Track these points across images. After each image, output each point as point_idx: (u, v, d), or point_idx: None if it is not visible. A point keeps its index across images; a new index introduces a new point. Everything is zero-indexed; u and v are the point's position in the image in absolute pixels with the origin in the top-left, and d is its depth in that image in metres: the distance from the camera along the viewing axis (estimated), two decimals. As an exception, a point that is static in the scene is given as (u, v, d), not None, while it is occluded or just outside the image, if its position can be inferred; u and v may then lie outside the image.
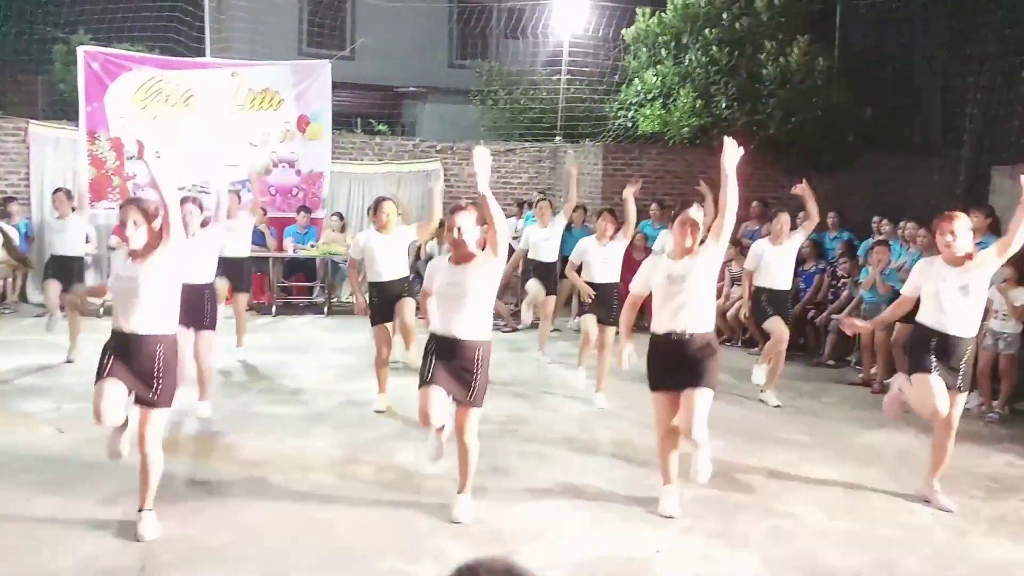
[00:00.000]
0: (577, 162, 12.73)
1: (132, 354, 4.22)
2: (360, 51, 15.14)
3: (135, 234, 4.23)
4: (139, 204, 4.31)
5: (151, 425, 4.29)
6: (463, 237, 4.57)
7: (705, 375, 4.64)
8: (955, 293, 4.84)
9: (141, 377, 4.24)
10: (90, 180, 11.09)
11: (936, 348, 4.87)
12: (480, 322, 4.59)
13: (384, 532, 4.48)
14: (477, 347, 4.55)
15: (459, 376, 4.53)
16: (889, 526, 4.78)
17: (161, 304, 4.29)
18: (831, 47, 12.40)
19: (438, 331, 4.60)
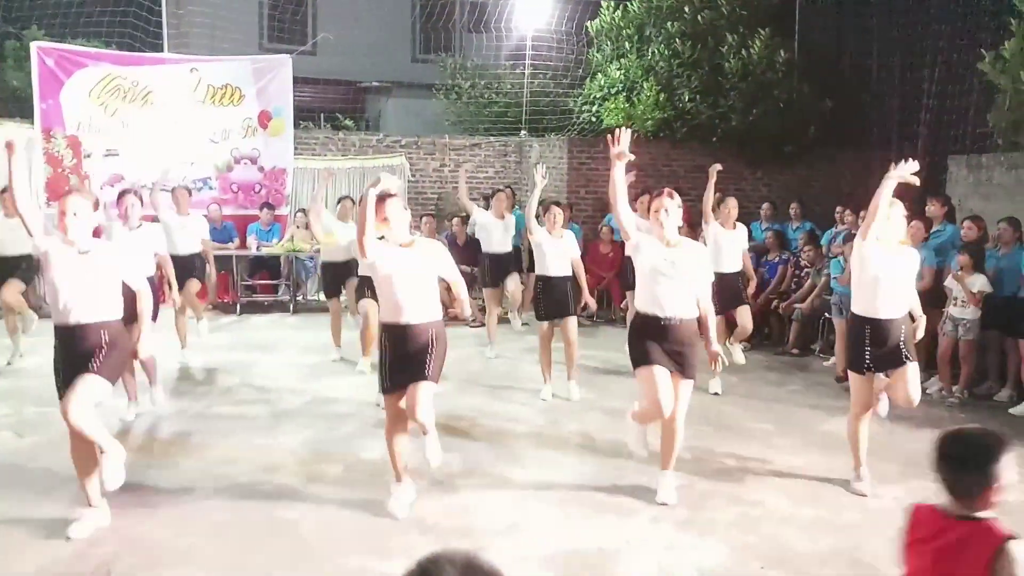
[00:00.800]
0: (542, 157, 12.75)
1: (76, 346, 4.20)
2: (322, 46, 15.00)
3: (75, 225, 4.21)
4: (82, 194, 4.33)
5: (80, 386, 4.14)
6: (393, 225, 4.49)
7: (690, 365, 4.73)
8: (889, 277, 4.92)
9: (85, 360, 4.19)
10: (47, 179, 10.87)
11: (871, 336, 4.95)
12: (433, 302, 4.56)
13: (352, 530, 4.45)
14: (430, 328, 4.51)
15: (415, 362, 4.45)
16: (854, 511, 4.86)
17: (106, 293, 4.30)
18: (791, 40, 12.54)
19: (391, 319, 4.50)
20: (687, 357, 4.72)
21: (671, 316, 4.69)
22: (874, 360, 4.97)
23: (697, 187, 12.03)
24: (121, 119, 11.09)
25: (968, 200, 8.65)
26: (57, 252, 4.23)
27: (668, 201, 4.76)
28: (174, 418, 6.32)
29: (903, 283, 5.00)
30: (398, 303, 4.44)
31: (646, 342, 4.70)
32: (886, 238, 4.93)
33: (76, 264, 4.21)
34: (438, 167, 13.09)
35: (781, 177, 12.56)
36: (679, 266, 4.69)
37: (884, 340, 4.94)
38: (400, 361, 4.48)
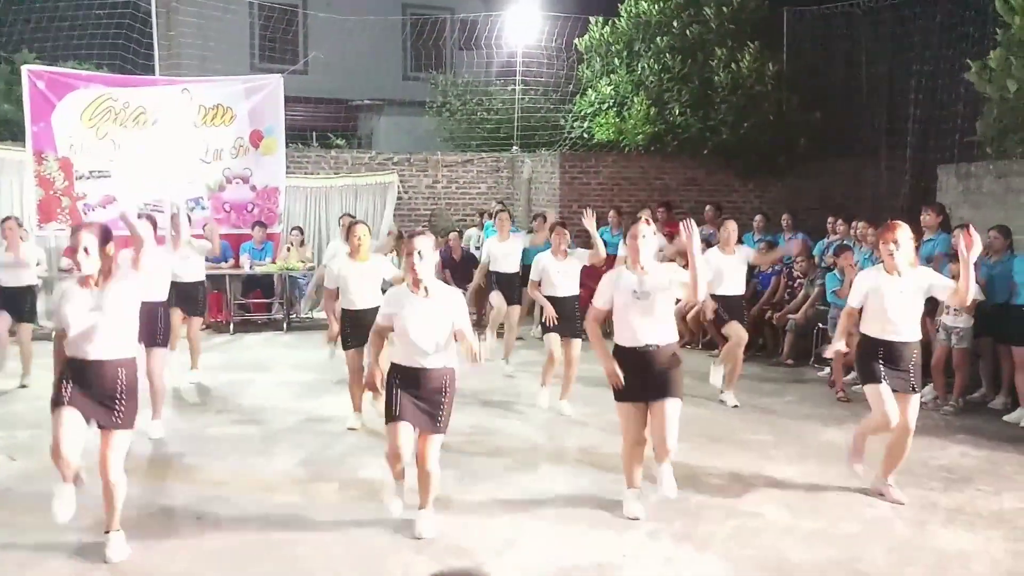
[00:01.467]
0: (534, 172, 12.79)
1: (93, 380, 4.13)
2: (313, 65, 15.03)
3: (87, 261, 4.13)
4: (91, 230, 4.21)
5: (114, 448, 4.21)
6: (422, 262, 4.43)
7: (674, 385, 4.71)
8: (898, 300, 4.94)
9: (102, 402, 4.14)
10: (38, 201, 10.85)
11: (884, 355, 4.97)
12: (447, 348, 4.52)
13: (348, 551, 4.42)
14: (444, 375, 4.50)
15: (427, 406, 4.45)
16: (852, 521, 4.85)
17: (123, 329, 4.22)
18: (779, 53, 12.64)
19: (403, 362, 4.49)
20: (669, 377, 4.70)
21: (648, 344, 4.68)
22: (889, 376, 4.97)
23: (688, 200, 12.13)
24: (113, 140, 11.09)
25: (958, 209, 8.69)
26: (71, 291, 4.18)
27: (644, 228, 4.77)
28: (167, 439, 6.28)
29: (913, 307, 5.01)
30: (414, 350, 4.42)
31: (624, 375, 4.71)
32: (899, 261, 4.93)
33: (91, 302, 4.13)
34: (431, 183, 13.12)
35: (772, 189, 12.62)
36: (651, 292, 4.69)
37: (897, 361, 4.98)
38: (412, 398, 4.44)
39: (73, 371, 4.16)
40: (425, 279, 4.46)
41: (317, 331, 10.94)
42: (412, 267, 4.43)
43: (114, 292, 4.18)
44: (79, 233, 4.17)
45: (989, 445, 6.28)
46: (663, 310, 4.74)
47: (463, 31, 14.82)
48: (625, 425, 4.85)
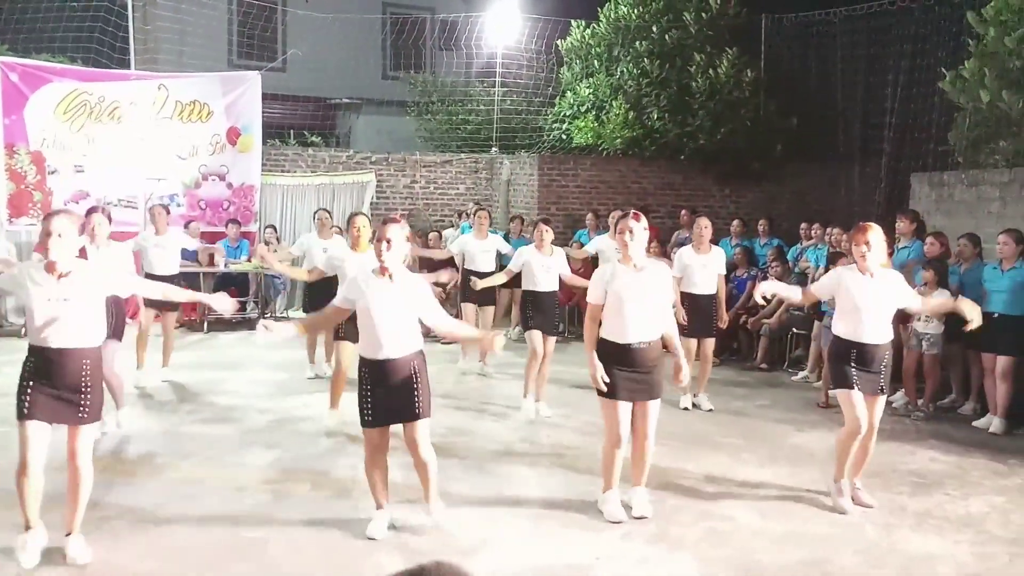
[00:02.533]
0: (513, 174, 12.80)
1: (57, 371, 4.05)
2: (292, 63, 14.95)
3: (58, 247, 4.02)
4: (69, 217, 4.14)
5: (81, 440, 4.14)
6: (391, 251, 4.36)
7: (658, 387, 4.77)
8: (869, 301, 4.99)
9: (67, 396, 4.07)
10: (9, 195, 10.70)
11: (856, 357, 5.02)
12: (413, 335, 4.47)
13: (320, 551, 4.39)
14: (411, 361, 4.45)
15: (401, 396, 4.38)
16: (822, 524, 4.90)
17: (89, 318, 4.15)
18: (757, 60, 12.75)
19: (369, 355, 4.39)
20: (654, 378, 4.76)
21: (638, 341, 4.70)
22: (860, 380, 5.02)
23: (665, 204, 12.21)
24: (87, 135, 10.95)
25: (930, 217, 8.81)
26: (35, 276, 4.07)
27: (634, 224, 4.74)
28: (138, 438, 6.21)
29: (886, 308, 5.05)
30: (377, 338, 4.34)
31: (611, 371, 4.72)
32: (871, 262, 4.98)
33: (56, 287, 4.03)
34: (409, 183, 13.09)
35: (749, 194, 12.73)
36: (645, 289, 4.71)
37: (869, 363, 5.02)
38: (384, 395, 4.37)
39: (36, 361, 4.08)
40: (391, 267, 4.38)
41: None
42: (379, 254, 4.35)
43: (81, 280, 4.11)
44: (54, 217, 4.07)
45: (958, 450, 6.36)
46: (654, 308, 4.76)
47: (443, 31, 14.80)
48: (609, 424, 4.83)
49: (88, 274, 4.18)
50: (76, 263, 4.17)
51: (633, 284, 4.71)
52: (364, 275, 4.49)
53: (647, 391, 4.75)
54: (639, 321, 4.71)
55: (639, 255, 4.77)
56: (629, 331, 4.70)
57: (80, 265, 4.20)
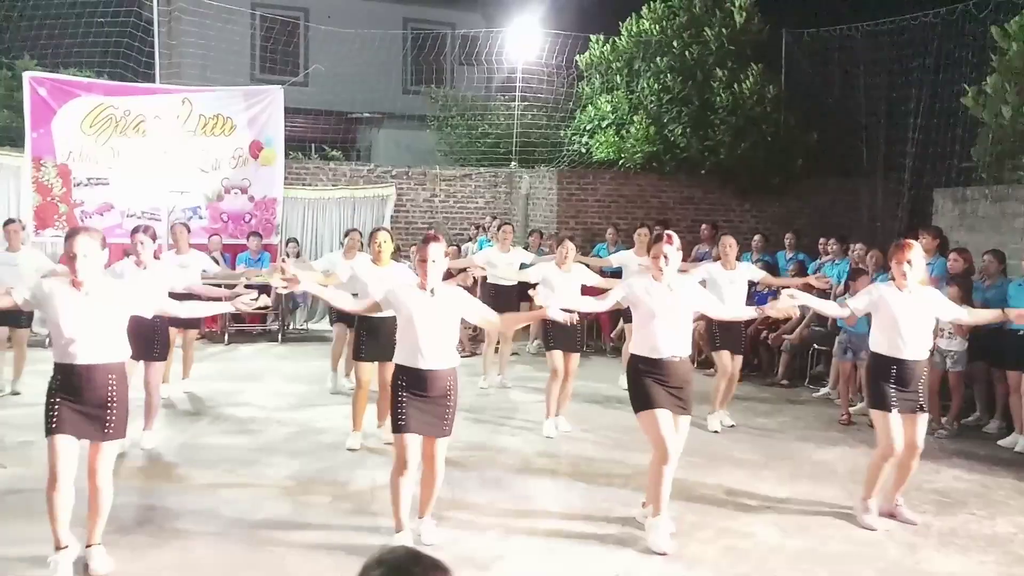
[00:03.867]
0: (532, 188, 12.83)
1: (82, 386, 4.07)
2: (314, 77, 15.09)
3: (85, 265, 4.05)
4: (90, 234, 4.16)
5: (103, 457, 4.17)
6: (434, 268, 4.47)
7: (690, 403, 4.81)
8: (909, 316, 4.96)
9: (93, 411, 4.08)
10: (35, 207, 10.85)
11: (896, 376, 4.97)
12: (451, 349, 4.54)
13: (336, 563, 4.39)
14: (448, 376, 4.50)
15: (432, 409, 4.44)
16: (843, 542, 4.84)
17: (113, 334, 4.18)
18: (778, 75, 12.72)
19: (407, 363, 4.47)
20: (686, 393, 4.78)
21: (671, 355, 4.71)
22: (899, 400, 4.98)
23: (685, 219, 12.17)
24: (112, 148, 11.10)
25: (954, 233, 8.73)
26: (61, 292, 4.11)
27: (668, 248, 4.76)
28: (158, 449, 6.24)
29: (925, 324, 5.02)
30: (418, 349, 4.42)
31: (647, 384, 4.70)
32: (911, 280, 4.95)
33: (82, 305, 4.07)
34: (428, 197, 13.15)
35: (769, 209, 12.67)
36: (677, 307, 4.75)
37: (908, 381, 4.98)
38: (418, 405, 4.43)
39: (61, 378, 4.10)
40: (433, 283, 4.50)
41: (312, 343, 10.96)
42: (424, 273, 4.47)
43: (107, 297, 4.15)
44: (75, 237, 4.09)
45: (983, 469, 6.27)
46: (685, 324, 4.82)
47: (464, 46, 14.89)
48: (653, 436, 4.66)
49: (113, 292, 4.22)
50: (101, 280, 4.21)
51: (667, 300, 4.75)
52: (406, 287, 4.61)
53: (681, 405, 4.75)
54: (670, 335, 4.73)
55: (672, 276, 4.82)
56: (661, 345, 4.71)
57: (105, 283, 4.24)
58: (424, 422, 4.44)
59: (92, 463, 4.15)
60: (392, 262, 6.51)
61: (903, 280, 4.97)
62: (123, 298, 4.27)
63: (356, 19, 15.44)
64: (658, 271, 4.78)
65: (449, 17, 18.36)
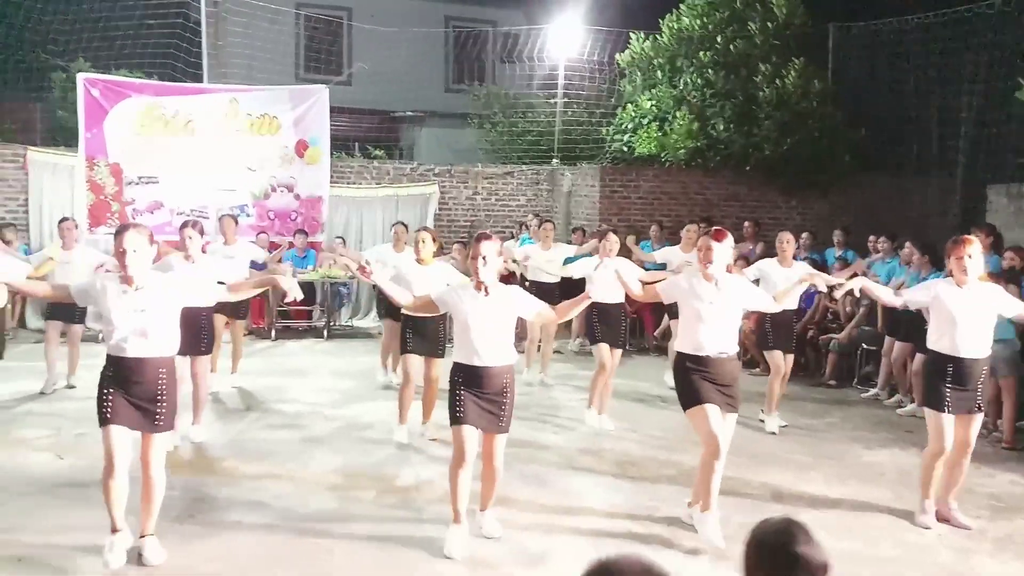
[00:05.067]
0: (574, 185, 12.80)
1: (133, 380, 4.18)
2: (357, 76, 15.26)
3: (135, 260, 4.17)
4: (138, 230, 4.26)
5: (155, 449, 4.27)
6: (487, 266, 4.51)
7: (738, 400, 4.77)
8: (967, 314, 4.85)
9: (143, 404, 4.19)
10: (89, 206, 11.11)
11: (953, 375, 4.87)
12: (508, 347, 4.57)
13: (381, 558, 4.44)
14: (505, 372, 4.54)
15: (489, 406, 4.49)
16: (893, 545, 4.76)
17: (164, 328, 4.27)
18: (825, 70, 12.51)
19: (464, 360, 4.54)
20: (733, 390, 4.75)
21: (717, 352, 4.68)
22: (953, 401, 4.88)
23: (730, 216, 12.03)
24: (162, 147, 11.32)
25: (1009, 230, 8.51)
26: (112, 288, 4.22)
27: (715, 244, 4.70)
28: (207, 443, 6.36)
29: (985, 321, 4.91)
30: (474, 347, 4.48)
31: (695, 381, 4.69)
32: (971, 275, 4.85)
33: (133, 299, 4.17)
34: (471, 195, 13.19)
35: (815, 205, 12.48)
36: (723, 304, 4.71)
37: (966, 380, 4.87)
38: (475, 400, 4.48)
39: (113, 371, 4.20)
40: (487, 281, 4.53)
41: (357, 339, 11.07)
42: (476, 271, 4.51)
43: (157, 291, 4.24)
44: (124, 233, 4.19)
45: (1039, 473, 6.11)
46: (732, 321, 4.79)
47: (505, 44, 14.91)
48: (707, 433, 4.63)
49: (164, 286, 4.32)
50: (152, 275, 4.30)
51: (714, 297, 4.71)
52: (461, 287, 4.70)
53: (729, 402, 4.72)
54: (716, 333, 4.70)
55: (720, 273, 4.76)
56: (706, 343, 4.68)
57: (156, 277, 4.34)
58: (482, 417, 4.50)
59: (144, 454, 4.26)
60: (435, 261, 6.57)
61: (963, 276, 4.86)
62: (174, 291, 4.35)
63: (398, 18, 15.55)
64: (704, 265, 4.73)
65: (491, 15, 18.40)
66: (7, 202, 11.46)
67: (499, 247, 4.69)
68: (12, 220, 11.17)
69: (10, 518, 4.79)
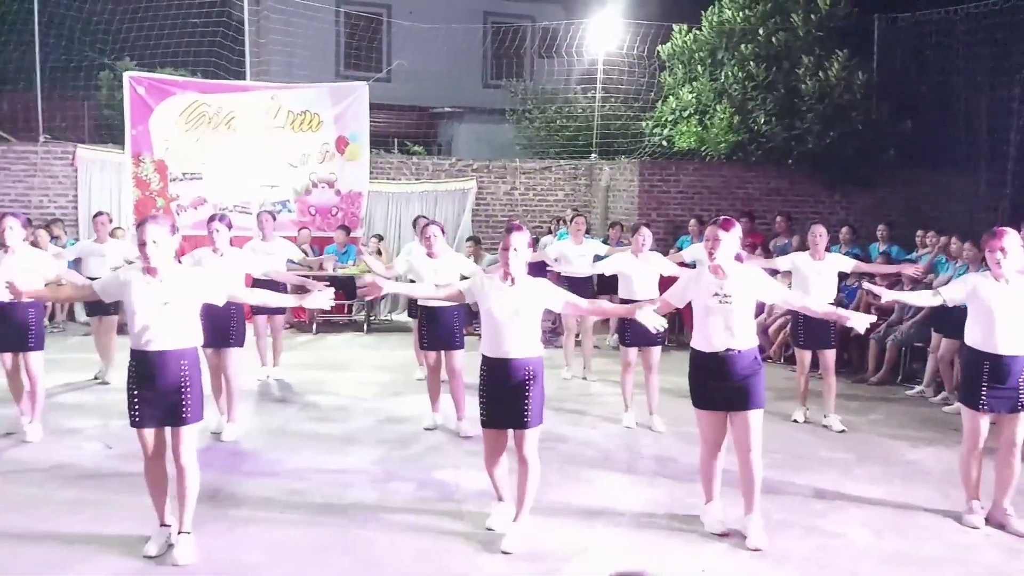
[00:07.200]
0: (612, 180, 12.74)
1: (156, 373, 4.20)
2: (396, 73, 15.34)
3: (155, 251, 4.20)
4: (158, 222, 4.30)
5: (185, 441, 4.31)
6: (517, 256, 4.49)
7: (755, 395, 4.56)
8: (1005, 309, 4.73)
9: (169, 397, 4.22)
10: (135, 201, 11.34)
11: (989, 372, 4.75)
12: (533, 339, 4.55)
13: (421, 549, 4.47)
14: (529, 364, 4.50)
15: (514, 400, 4.46)
16: (938, 545, 4.67)
17: (185, 320, 4.30)
18: (869, 62, 12.28)
19: (489, 353, 4.54)
20: (749, 387, 4.55)
21: (725, 348, 4.55)
22: (990, 400, 4.77)
23: (772, 210, 11.89)
24: (205, 144, 11.52)
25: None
26: (136, 280, 4.26)
27: (722, 234, 4.56)
28: (248, 435, 6.47)
29: (1023, 317, 4.76)
30: (499, 338, 4.48)
31: (700, 381, 4.65)
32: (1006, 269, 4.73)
33: (155, 291, 4.20)
34: (508, 190, 13.21)
35: (859, 200, 12.27)
36: (731, 295, 4.55)
37: (1004, 377, 4.74)
38: (498, 397, 4.49)
39: (137, 365, 4.24)
40: (515, 273, 4.51)
41: (396, 333, 11.16)
42: (506, 261, 4.49)
43: (178, 283, 4.26)
44: (145, 225, 4.23)
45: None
46: (743, 314, 4.62)
47: (544, 39, 14.88)
48: (703, 433, 4.76)
49: (185, 278, 4.35)
50: (173, 267, 4.34)
51: (719, 290, 4.57)
52: (487, 278, 4.65)
53: (742, 400, 4.55)
54: (725, 328, 4.55)
55: (728, 265, 4.61)
56: (715, 339, 4.57)
57: (177, 269, 4.38)
58: (507, 415, 4.50)
59: (175, 447, 4.31)
60: (445, 251, 6.63)
61: (998, 269, 4.74)
62: (196, 284, 4.39)
63: (437, 14, 15.60)
64: (710, 255, 4.61)
65: (529, 10, 18.38)
66: (57, 198, 11.75)
67: (529, 239, 4.66)
68: (62, 216, 11.47)
69: (53, 507, 4.92)
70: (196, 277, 4.56)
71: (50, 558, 4.28)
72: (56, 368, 8.41)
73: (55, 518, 4.74)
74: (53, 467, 5.60)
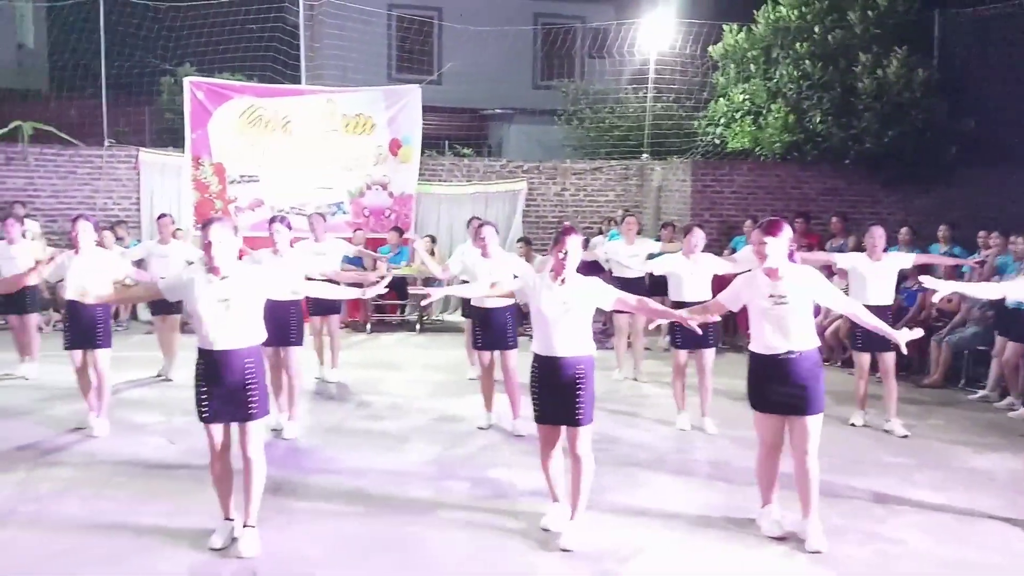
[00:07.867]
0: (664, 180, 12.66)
1: (222, 372, 4.32)
2: (447, 75, 15.46)
3: (219, 251, 4.29)
4: (222, 223, 4.39)
5: (252, 436, 4.43)
6: (569, 259, 4.53)
7: (815, 399, 4.51)
8: None
9: (235, 396, 4.33)
10: (195, 204, 11.63)
11: None
12: (584, 338, 4.57)
13: (475, 547, 4.52)
14: (579, 363, 4.53)
15: (564, 398, 4.50)
16: (1002, 553, 4.57)
17: (249, 319, 4.40)
18: (930, 59, 12.00)
19: (540, 351, 4.59)
20: (809, 391, 4.49)
21: (786, 351, 4.49)
22: None
23: (828, 210, 11.70)
24: (262, 147, 11.75)
25: None
26: (200, 280, 4.37)
27: (769, 239, 4.47)
28: (307, 432, 6.60)
29: None
30: (549, 337, 4.53)
31: (759, 384, 4.61)
32: None
33: (219, 290, 4.30)
34: (559, 191, 13.21)
35: (919, 200, 11.98)
36: (787, 296, 4.49)
37: None
38: (549, 394, 4.54)
39: (204, 364, 4.35)
40: (566, 274, 4.55)
41: (448, 333, 11.25)
42: (560, 263, 4.52)
43: (240, 281, 4.36)
44: (210, 226, 4.33)
45: None
46: (801, 315, 4.54)
47: (594, 40, 14.85)
48: (761, 436, 4.72)
49: (246, 275, 4.44)
50: (236, 266, 4.44)
51: (772, 293, 4.51)
52: (538, 278, 4.69)
53: (800, 404, 4.49)
54: (780, 331, 4.49)
55: (782, 267, 4.52)
56: (773, 342, 4.52)
57: (241, 268, 4.48)
58: (556, 412, 4.55)
59: (242, 442, 4.43)
60: (499, 252, 6.67)
61: None
62: (259, 282, 4.49)
63: (488, 16, 15.67)
64: (760, 259, 4.55)
65: (580, 11, 18.36)
66: (121, 200, 12.12)
67: (582, 240, 4.70)
68: (125, 218, 11.82)
69: (122, 501, 5.08)
70: (256, 273, 4.67)
71: (120, 549, 4.43)
72: (121, 365, 8.66)
73: (124, 510, 4.90)
74: (120, 462, 5.78)
